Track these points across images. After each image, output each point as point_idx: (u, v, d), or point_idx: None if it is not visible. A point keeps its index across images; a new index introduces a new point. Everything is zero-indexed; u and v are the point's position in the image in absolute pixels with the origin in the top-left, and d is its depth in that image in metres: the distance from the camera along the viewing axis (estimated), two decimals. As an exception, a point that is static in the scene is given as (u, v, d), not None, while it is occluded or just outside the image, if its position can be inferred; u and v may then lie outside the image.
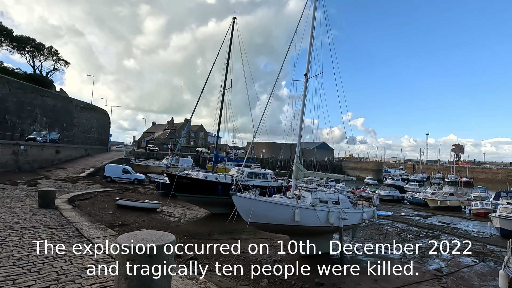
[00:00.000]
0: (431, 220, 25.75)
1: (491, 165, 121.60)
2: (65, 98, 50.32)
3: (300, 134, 12.15)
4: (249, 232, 14.88)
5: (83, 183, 24.29)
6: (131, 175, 28.37)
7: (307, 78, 12.30)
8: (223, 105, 19.54)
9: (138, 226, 13.32)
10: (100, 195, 19.57)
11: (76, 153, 38.58)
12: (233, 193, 9.88)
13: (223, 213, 18.83)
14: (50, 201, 11.29)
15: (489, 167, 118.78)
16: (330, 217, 11.13)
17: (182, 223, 15.35)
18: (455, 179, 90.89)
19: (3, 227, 7.08)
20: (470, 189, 55.55)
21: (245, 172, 19.47)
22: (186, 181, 16.71)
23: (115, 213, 15.18)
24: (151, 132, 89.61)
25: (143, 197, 21.78)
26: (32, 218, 8.68)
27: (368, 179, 76.95)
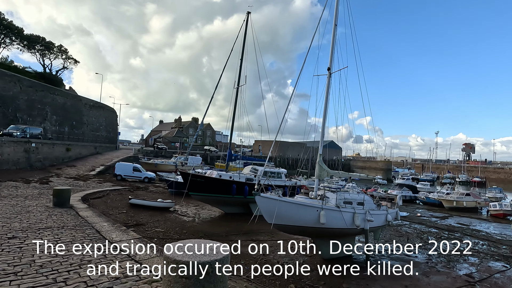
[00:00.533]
0: (448, 222, 24.95)
1: (503, 165, 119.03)
2: (74, 97, 50.54)
3: (322, 132, 11.59)
4: (266, 233, 14.41)
5: (94, 181, 24.11)
6: (141, 173, 28.13)
7: (330, 72, 11.72)
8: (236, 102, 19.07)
9: (153, 226, 12.94)
10: (112, 194, 19.30)
11: (86, 151, 38.59)
12: (256, 193, 9.41)
13: (237, 213, 18.47)
14: (65, 200, 10.96)
15: (501, 166, 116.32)
16: (355, 219, 10.58)
17: (196, 223, 14.95)
18: (466, 179, 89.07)
19: (21, 228, 6.71)
20: (484, 190, 54.15)
21: (259, 171, 18.98)
22: (200, 180, 16.30)
23: (129, 212, 14.84)
24: (158, 131, 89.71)
25: (154, 196, 21.48)
26: (48, 218, 8.32)
27: (378, 178, 75.77)
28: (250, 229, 15.03)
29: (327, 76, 11.71)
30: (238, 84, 19.09)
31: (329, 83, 11.62)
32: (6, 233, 6.23)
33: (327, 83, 11.63)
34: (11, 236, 5.95)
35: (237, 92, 19.08)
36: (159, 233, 11.91)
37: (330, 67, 11.71)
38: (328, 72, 11.71)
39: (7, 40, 50.34)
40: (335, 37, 11.82)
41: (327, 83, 11.63)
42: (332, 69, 11.63)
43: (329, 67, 11.72)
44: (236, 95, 19.03)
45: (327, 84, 11.64)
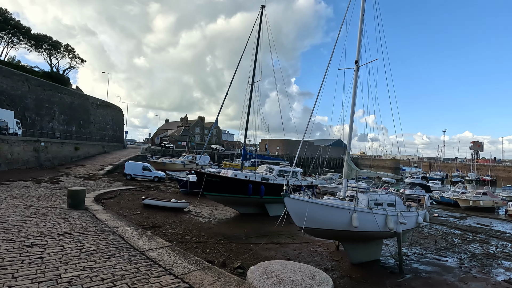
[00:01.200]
0: (468, 222, 24.07)
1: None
2: (81, 96, 50.35)
3: (350, 128, 10.87)
4: (286, 235, 13.80)
5: (104, 181, 23.69)
6: (151, 172, 27.66)
7: (357, 65, 11.02)
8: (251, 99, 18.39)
9: (170, 228, 12.39)
10: (124, 194, 18.83)
11: (94, 150, 38.30)
12: (285, 194, 8.77)
13: (252, 213, 17.86)
14: (80, 201, 10.45)
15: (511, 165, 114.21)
16: (388, 221, 9.90)
17: (213, 225, 14.36)
18: (476, 177, 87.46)
19: (39, 234, 6.16)
20: (494, 188, 52.79)
21: (274, 170, 18.34)
22: (216, 179, 15.70)
23: (143, 214, 14.31)
24: (164, 129, 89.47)
25: (166, 195, 20.98)
26: (66, 221, 7.79)
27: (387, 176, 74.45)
28: (268, 230, 14.43)
29: (355, 70, 11.01)
30: (253, 80, 18.43)
31: (357, 77, 10.91)
32: (23, 239, 5.69)
33: (355, 77, 10.92)
34: (30, 243, 5.40)
35: (251, 88, 18.42)
36: (177, 236, 11.34)
37: (357, 59, 11.01)
38: (356, 65, 11.01)
39: (14, 40, 50.28)
40: (363, 28, 11.11)
41: (355, 77, 10.92)
42: (359, 61, 10.94)
43: (357, 59, 11.02)
44: (251, 91, 18.37)
45: (355, 77, 10.92)
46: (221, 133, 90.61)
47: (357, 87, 10.90)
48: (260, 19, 18.67)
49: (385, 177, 17.40)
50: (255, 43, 18.53)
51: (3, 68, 31.28)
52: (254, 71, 18.41)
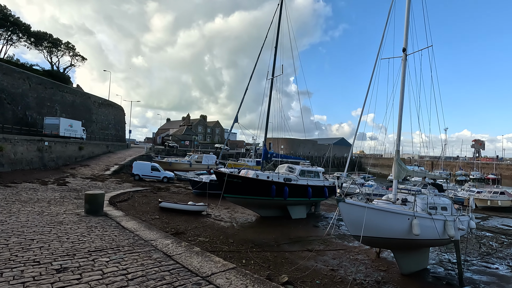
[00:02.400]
0: (492, 223, 23.07)
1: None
2: (83, 94, 49.05)
3: (399, 123, 9.77)
4: (317, 240, 12.71)
5: (112, 182, 22.54)
6: (160, 172, 26.51)
7: (406, 54, 9.94)
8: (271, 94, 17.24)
9: (194, 235, 11.28)
10: (136, 196, 17.71)
11: (98, 150, 37.11)
12: (339, 199, 7.68)
13: (274, 216, 16.77)
14: (99, 207, 9.34)
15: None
16: (448, 227, 8.85)
17: (238, 230, 13.26)
18: (480, 176, 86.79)
19: (65, 251, 5.05)
20: (500, 187, 51.84)
21: (296, 170, 17.23)
22: (237, 180, 14.59)
23: (162, 218, 13.20)
24: (166, 129, 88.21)
25: (179, 197, 19.87)
26: (90, 232, 6.68)
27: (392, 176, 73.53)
28: (298, 235, 13.38)
29: (402, 59, 9.92)
30: (273, 74, 17.29)
31: (405, 67, 9.81)
32: (49, 260, 4.58)
33: (403, 67, 9.82)
34: (59, 267, 4.29)
35: (271, 83, 17.28)
36: (204, 244, 10.24)
37: (405, 47, 9.91)
38: (404, 54, 9.92)
39: (14, 37, 48.90)
40: (410, 12, 9.99)
41: (403, 67, 9.82)
42: (407, 49, 9.85)
43: (404, 47, 9.92)
44: (271, 86, 17.22)
45: (403, 67, 9.81)
46: (224, 132, 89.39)
47: (405, 77, 9.79)
48: (280, 10, 17.54)
49: (431, 177, 16.06)
50: (275, 36, 17.39)
51: (3, 66, 30.04)
52: (274, 64, 17.30)
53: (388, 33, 9.74)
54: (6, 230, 6.49)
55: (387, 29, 9.70)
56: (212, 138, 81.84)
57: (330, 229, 8.96)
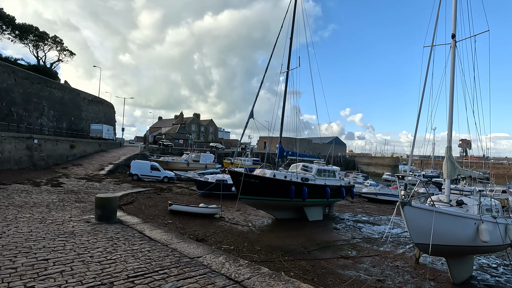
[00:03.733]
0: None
1: (496, 160, 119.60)
2: (72, 90, 46.69)
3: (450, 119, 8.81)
4: (345, 245, 11.73)
5: (110, 182, 20.97)
6: (160, 172, 25.03)
7: (455, 41, 9.02)
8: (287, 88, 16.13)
9: (216, 241, 10.08)
10: (140, 198, 16.31)
11: (91, 148, 35.13)
12: (405, 202, 6.65)
13: (290, 218, 15.73)
14: (112, 212, 8.03)
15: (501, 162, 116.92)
16: (510, 231, 8.00)
17: (259, 234, 12.11)
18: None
19: (97, 277, 3.81)
20: (492, 186, 52.54)
21: (313, 169, 16.21)
22: (255, 180, 13.43)
23: (175, 222, 11.93)
24: (157, 127, 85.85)
25: (184, 198, 18.56)
26: (116, 248, 5.42)
27: (387, 175, 74.04)
28: (323, 240, 12.36)
29: (451, 46, 9.00)
30: (288, 67, 16.20)
31: (455, 55, 8.89)
32: (81, 293, 3.32)
33: (452, 54, 8.89)
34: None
35: (287, 76, 16.20)
36: (230, 252, 9.05)
37: (454, 33, 8.98)
38: (453, 41, 9.00)
39: (-3, 30, 46.00)
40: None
41: (452, 54, 8.89)
42: (457, 35, 8.91)
43: (453, 33, 9.00)
44: (286, 79, 16.15)
45: (452, 55, 8.89)
46: (217, 131, 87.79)
47: (455, 66, 8.89)
48: (295, 1, 16.45)
49: (475, 176, 15.05)
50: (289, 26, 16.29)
51: (-13, 57, 27.83)
52: (290, 56, 16.20)
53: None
54: (8, 246, 5.17)
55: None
56: (206, 137, 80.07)
57: (385, 240, 8.03)
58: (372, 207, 23.69)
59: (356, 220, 17.33)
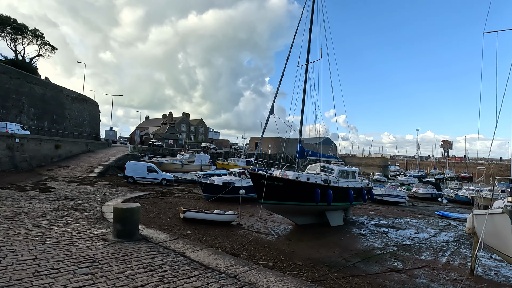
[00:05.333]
0: None
1: (474, 160, 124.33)
2: (55, 87, 43.56)
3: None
4: (389, 255, 10.55)
5: (104, 186, 18.96)
6: (158, 174, 23.15)
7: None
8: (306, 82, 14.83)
9: (249, 256, 8.61)
10: (143, 203, 14.53)
11: (77, 149, 32.55)
12: None
13: (310, 224, 14.44)
14: (134, 227, 6.43)
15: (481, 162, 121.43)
16: None
17: (288, 245, 10.72)
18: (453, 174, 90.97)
19: None
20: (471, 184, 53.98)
21: (335, 170, 15.01)
22: (278, 183, 12.03)
23: (194, 233, 10.35)
24: (145, 127, 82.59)
25: (191, 203, 16.91)
26: (162, 279, 3.88)
27: (378, 175, 74.48)
28: (357, 248, 11.15)
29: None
30: (307, 60, 14.93)
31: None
32: None
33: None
34: None
35: (306, 69, 14.90)
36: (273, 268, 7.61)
37: None
38: None
39: (-31, 21, 42.26)
40: None
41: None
42: None
43: None
44: (306, 73, 14.84)
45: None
46: (207, 131, 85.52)
47: None
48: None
49: None
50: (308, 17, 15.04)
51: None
52: (309, 48, 14.93)
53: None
54: (11, 285, 3.53)
55: None
56: (196, 137, 77.70)
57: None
58: (384, 209, 22.84)
59: (377, 225, 16.29)
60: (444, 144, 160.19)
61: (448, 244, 13.16)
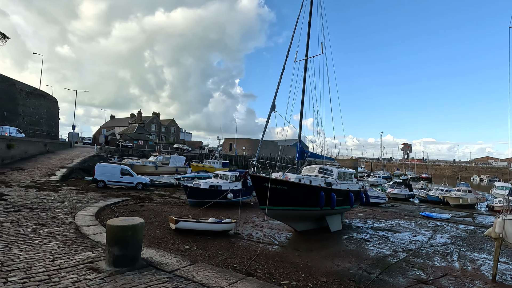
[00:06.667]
0: (479, 220, 23.46)
1: (434, 162, 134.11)
2: (5, 79, 38.60)
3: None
4: (405, 263, 9.84)
5: (71, 192, 16.43)
6: (133, 178, 20.80)
7: None
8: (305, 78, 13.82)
9: (267, 274, 7.31)
10: (122, 212, 12.53)
11: (34, 149, 28.68)
12: None
13: (309, 230, 13.47)
14: (137, 250, 4.85)
15: (438, 164, 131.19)
16: None
17: (300, 256, 9.54)
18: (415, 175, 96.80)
19: None
20: (431, 184, 57.78)
21: (334, 172, 14.18)
22: (282, 187, 10.85)
23: (193, 247, 8.79)
24: (110, 127, 76.92)
25: (173, 209, 15.14)
26: None
27: (349, 176, 76.05)
28: (370, 257, 10.33)
29: None
30: (307, 54, 13.95)
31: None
32: None
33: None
34: None
35: (305, 64, 13.92)
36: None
37: None
38: None
39: None
40: None
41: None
42: None
43: None
44: (305, 68, 13.84)
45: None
46: (179, 132, 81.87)
47: None
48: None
49: None
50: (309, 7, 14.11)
51: None
52: (308, 42, 13.99)
53: None
54: None
55: None
56: (167, 137, 73.90)
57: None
58: (369, 211, 22.68)
59: (373, 228, 15.79)
60: (404, 147, 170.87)
61: (449, 247, 12.91)
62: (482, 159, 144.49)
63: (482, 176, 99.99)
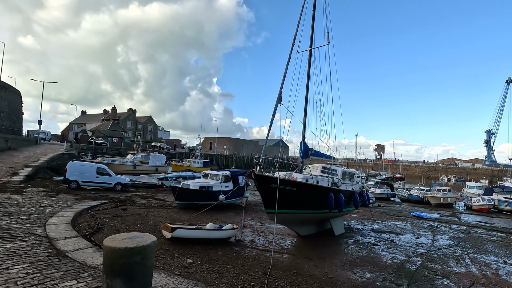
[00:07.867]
0: (463, 219, 23.88)
1: (409, 163, 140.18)
2: (-41, 67, 34.36)
3: None
4: (426, 270, 9.07)
5: (37, 194, 14.25)
6: (111, 178, 18.70)
7: None
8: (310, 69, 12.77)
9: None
10: (103, 218, 10.76)
11: (-7, 146, 25.40)
12: None
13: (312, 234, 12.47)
14: (147, 280, 3.44)
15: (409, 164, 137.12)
16: None
17: (316, 267, 8.44)
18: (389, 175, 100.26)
19: None
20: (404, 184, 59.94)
21: (339, 172, 13.28)
22: (291, 188, 9.72)
23: (197, 261, 7.39)
24: (81, 123, 71.85)
25: (160, 213, 13.52)
26: None
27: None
28: (388, 264, 9.48)
29: None
30: (311, 45, 12.91)
31: None
32: None
33: None
34: None
35: (309, 55, 12.86)
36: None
37: None
38: None
39: None
40: None
41: None
42: None
43: None
44: (309, 60, 12.77)
45: None
46: (157, 130, 78.27)
47: None
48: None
49: None
50: None
51: None
52: (313, 32, 12.96)
53: None
54: None
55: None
56: (144, 135, 70.29)
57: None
58: (362, 211, 22.22)
59: (374, 230, 15.14)
60: (378, 148, 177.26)
61: (455, 249, 12.48)
62: (448, 160, 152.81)
63: (449, 176, 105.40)
